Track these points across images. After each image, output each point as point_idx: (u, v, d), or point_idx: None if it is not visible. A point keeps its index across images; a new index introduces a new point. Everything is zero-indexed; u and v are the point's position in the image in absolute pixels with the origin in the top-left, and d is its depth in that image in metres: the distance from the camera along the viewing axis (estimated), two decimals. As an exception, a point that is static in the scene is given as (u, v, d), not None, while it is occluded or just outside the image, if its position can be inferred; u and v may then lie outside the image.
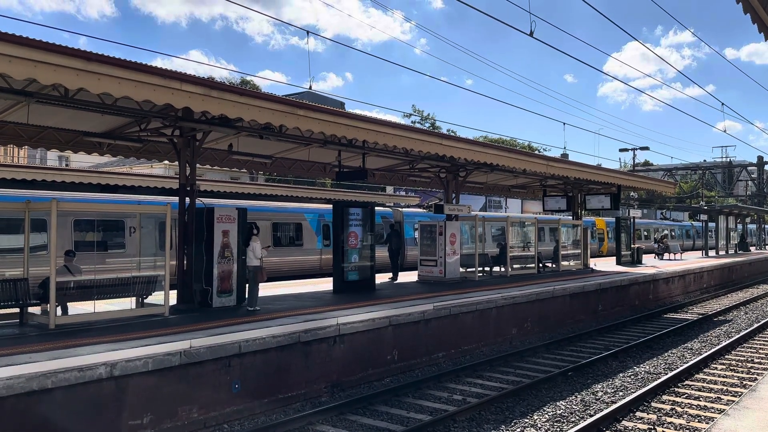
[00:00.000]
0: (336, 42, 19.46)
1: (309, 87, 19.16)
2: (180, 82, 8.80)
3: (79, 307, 10.32)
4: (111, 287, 10.49)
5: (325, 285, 15.90)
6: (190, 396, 8.16)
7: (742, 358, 12.67)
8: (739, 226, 42.69)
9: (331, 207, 16.11)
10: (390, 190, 41.37)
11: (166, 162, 19.68)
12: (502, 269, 19.93)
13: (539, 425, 8.39)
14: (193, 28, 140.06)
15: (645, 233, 44.73)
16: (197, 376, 8.26)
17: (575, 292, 16.82)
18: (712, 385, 10.47)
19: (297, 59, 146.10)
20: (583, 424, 8.00)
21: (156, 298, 10.84)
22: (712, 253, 35.29)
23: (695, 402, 9.48)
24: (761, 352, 13.36)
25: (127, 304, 10.79)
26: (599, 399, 9.69)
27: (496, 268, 20.21)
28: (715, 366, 12.00)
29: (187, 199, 12.06)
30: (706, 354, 12.48)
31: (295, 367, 9.49)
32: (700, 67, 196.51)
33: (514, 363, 12.17)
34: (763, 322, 16.58)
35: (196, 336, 8.62)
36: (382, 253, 18.54)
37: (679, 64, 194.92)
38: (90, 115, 11.13)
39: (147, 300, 10.86)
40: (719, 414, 8.13)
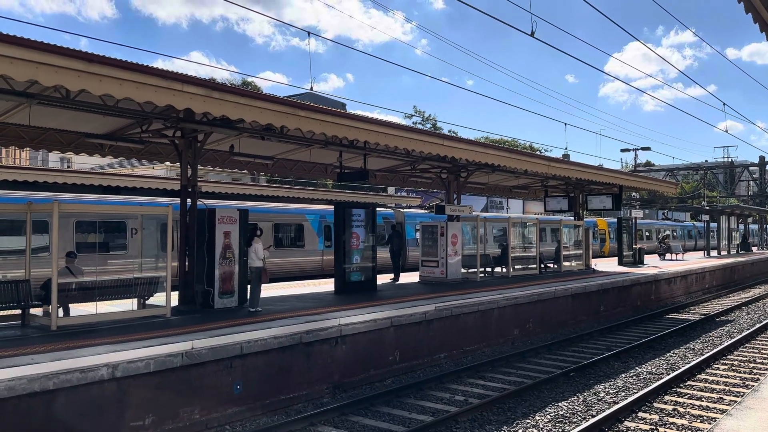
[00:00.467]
0: (337, 43, 19.65)
1: (310, 88, 19.14)
2: (181, 83, 8.80)
3: (80, 309, 10.32)
4: (113, 288, 10.50)
5: (327, 286, 15.89)
6: (191, 397, 8.17)
7: (744, 359, 12.65)
8: (741, 227, 42.66)
9: (332, 208, 16.12)
10: (391, 190, 41.35)
11: (168, 163, 19.66)
12: (504, 270, 19.92)
13: (541, 426, 8.38)
14: (193, 29, 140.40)
15: (647, 233, 44.66)
16: (199, 377, 8.27)
17: (577, 293, 16.81)
18: (714, 386, 10.46)
19: (298, 60, 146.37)
20: (585, 425, 7.99)
21: (158, 299, 10.85)
22: (714, 253, 35.24)
23: (697, 402, 9.46)
24: (763, 352, 13.34)
25: (128, 305, 10.80)
26: (601, 399, 9.68)
27: (498, 269, 20.22)
28: (717, 366, 11.98)
29: (189, 201, 12.09)
30: (708, 354, 12.47)
31: (296, 368, 9.48)
32: (702, 67, 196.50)
33: (516, 363, 12.16)
34: (765, 322, 16.55)
35: (197, 337, 8.63)
36: (384, 253, 18.53)
37: (681, 64, 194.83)
38: (91, 116, 11.15)
39: (149, 301, 10.87)
40: (721, 414, 8.13)
